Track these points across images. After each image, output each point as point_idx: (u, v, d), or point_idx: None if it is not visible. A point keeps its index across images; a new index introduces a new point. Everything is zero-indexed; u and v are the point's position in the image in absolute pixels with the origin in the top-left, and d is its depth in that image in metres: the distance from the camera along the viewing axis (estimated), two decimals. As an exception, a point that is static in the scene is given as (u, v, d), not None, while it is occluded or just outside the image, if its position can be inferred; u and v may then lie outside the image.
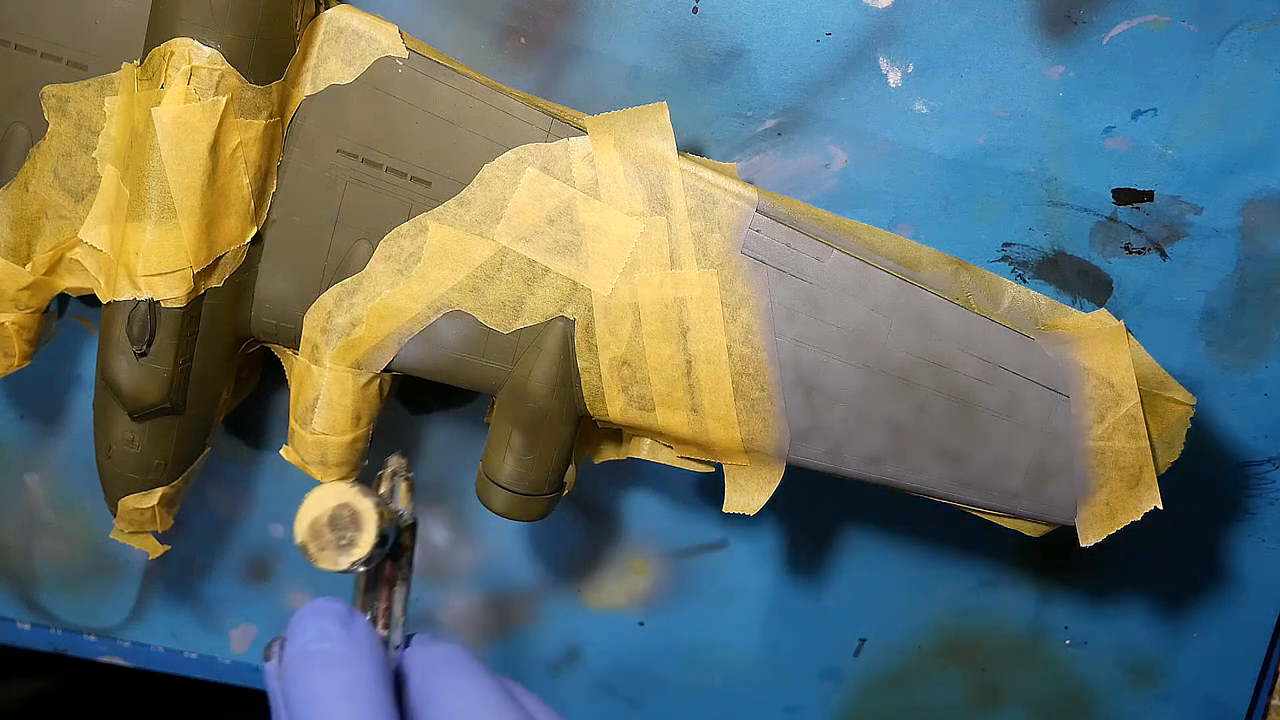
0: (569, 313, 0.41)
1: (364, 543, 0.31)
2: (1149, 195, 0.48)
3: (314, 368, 0.43)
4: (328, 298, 0.42)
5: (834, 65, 0.46)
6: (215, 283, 0.41)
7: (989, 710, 0.60)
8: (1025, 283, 0.50)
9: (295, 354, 0.43)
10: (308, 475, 0.44)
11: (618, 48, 0.46)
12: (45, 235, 0.43)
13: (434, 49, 0.41)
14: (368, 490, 0.32)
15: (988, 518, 0.44)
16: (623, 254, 0.40)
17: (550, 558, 0.57)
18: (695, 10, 0.46)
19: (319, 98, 0.41)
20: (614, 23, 0.46)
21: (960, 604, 0.57)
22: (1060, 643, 0.58)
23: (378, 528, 0.31)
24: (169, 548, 0.49)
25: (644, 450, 0.46)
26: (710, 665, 0.59)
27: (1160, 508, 0.41)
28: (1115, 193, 0.48)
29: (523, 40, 0.47)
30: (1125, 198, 0.48)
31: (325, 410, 0.43)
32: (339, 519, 0.31)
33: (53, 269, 0.43)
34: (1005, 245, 0.49)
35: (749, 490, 0.43)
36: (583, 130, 0.40)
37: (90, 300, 0.50)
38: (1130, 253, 0.49)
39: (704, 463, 0.45)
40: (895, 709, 0.60)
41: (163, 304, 0.40)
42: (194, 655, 0.60)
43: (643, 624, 0.58)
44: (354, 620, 0.31)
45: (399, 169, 0.41)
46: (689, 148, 0.47)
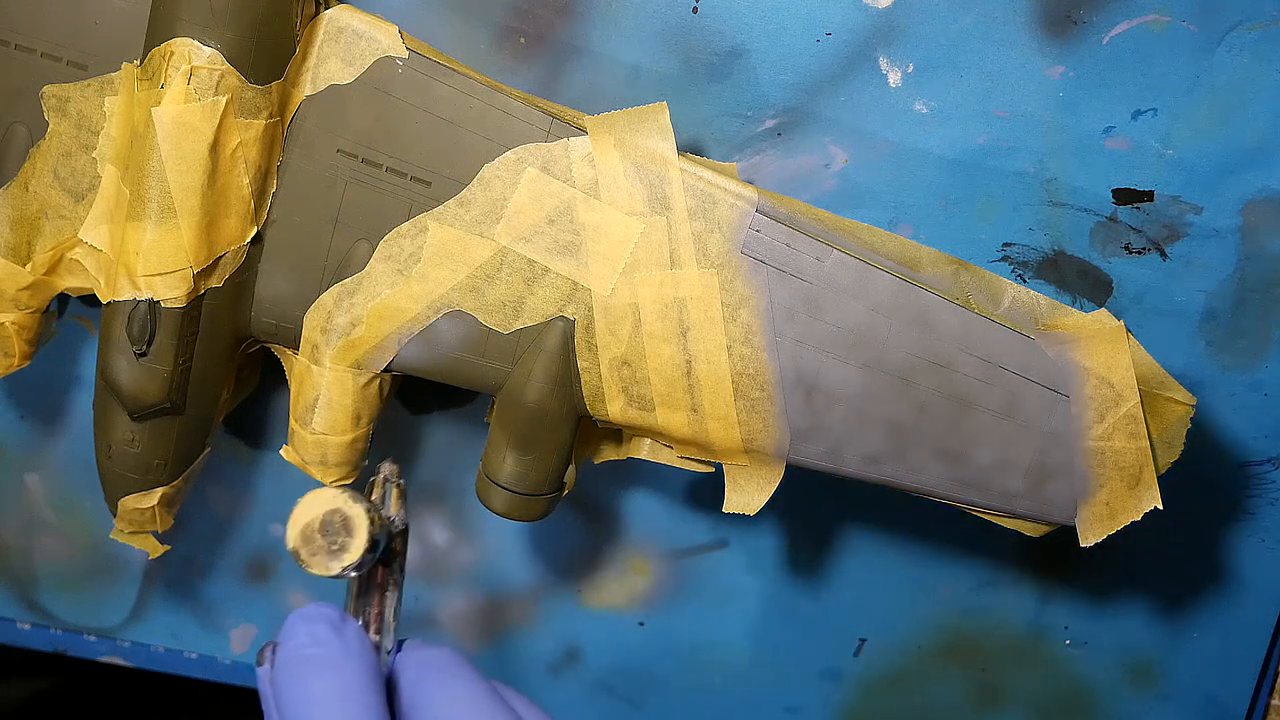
0: (569, 313, 0.41)
1: (355, 548, 0.31)
2: (1149, 195, 0.48)
3: (314, 368, 0.43)
4: (328, 298, 0.42)
5: (834, 65, 0.46)
6: (215, 283, 0.41)
7: (989, 710, 0.60)
8: (1025, 283, 0.50)
9: (295, 354, 0.43)
10: (308, 475, 0.44)
11: (618, 48, 0.46)
12: (45, 235, 0.43)
13: (434, 49, 0.41)
14: (359, 496, 0.32)
15: (988, 518, 0.44)
16: (623, 254, 0.40)
17: (550, 558, 0.57)
18: (695, 10, 0.46)
19: (319, 98, 0.41)
20: (614, 23, 0.46)
21: (960, 604, 0.57)
22: (1060, 643, 0.58)
23: (369, 533, 0.31)
24: (169, 548, 0.49)
25: (644, 450, 0.46)
26: (710, 665, 0.59)
27: (1160, 508, 0.41)
28: (1115, 193, 0.48)
29: (523, 40, 0.47)
30: (1125, 198, 0.48)
31: (325, 410, 0.43)
32: (330, 524, 0.31)
33: (53, 269, 0.43)
34: (1005, 245, 0.49)
35: (749, 490, 0.43)
36: (583, 130, 0.40)
37: (90, 300, 0.50)
38: (1130, 253, 0.49)
39: (704, 463, 0.45)
40: (895, 709, 0.60)
41: (163, 304, 0.40)
42: (194, 655, 0.60)
43: (642, 624, 0.58)
44: (346, 625, 0.31)
45: (399, 169, 0.41)
46: (689, 148, 0.47)
